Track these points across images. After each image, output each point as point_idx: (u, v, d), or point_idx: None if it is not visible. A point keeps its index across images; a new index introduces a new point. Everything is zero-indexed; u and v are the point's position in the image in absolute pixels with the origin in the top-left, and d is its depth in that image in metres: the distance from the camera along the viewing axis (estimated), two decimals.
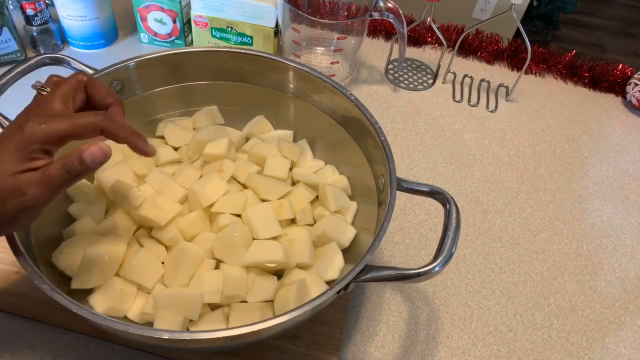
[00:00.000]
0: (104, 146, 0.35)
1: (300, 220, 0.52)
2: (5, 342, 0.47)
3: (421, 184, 0.45)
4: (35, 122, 0.34)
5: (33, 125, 0.33)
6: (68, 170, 0.34)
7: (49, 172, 0.34)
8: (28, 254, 0.38)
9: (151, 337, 0.34)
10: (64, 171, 0.34)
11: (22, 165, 0.33)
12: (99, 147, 0.34)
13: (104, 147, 0.35)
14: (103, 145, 0.35)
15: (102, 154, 0.35)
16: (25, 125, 0.33)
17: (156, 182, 0.51)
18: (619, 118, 0.84)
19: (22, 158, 0.33)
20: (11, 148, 0.33)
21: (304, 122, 0.59)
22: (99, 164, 0.35)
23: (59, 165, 0.34)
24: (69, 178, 0.34)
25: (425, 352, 0.52)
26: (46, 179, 0.34)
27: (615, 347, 0.54)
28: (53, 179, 0.34)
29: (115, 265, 0.45)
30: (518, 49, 0.90)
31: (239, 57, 0.56)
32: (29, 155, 0.33)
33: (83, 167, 0.34)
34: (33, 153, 0.34)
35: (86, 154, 0.34)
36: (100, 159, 0.35)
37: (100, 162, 0.35)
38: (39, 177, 0.34)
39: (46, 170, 0.34)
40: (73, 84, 0.39)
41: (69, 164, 0.34)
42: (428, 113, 0.79)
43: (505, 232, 0.64)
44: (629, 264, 0.63)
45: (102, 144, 0.35)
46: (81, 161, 0.34)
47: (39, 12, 0.73)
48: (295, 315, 0.35)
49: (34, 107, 0.37)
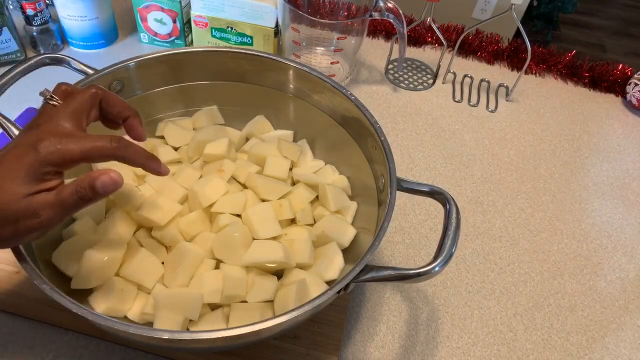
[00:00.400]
0: (115, 175, 0.35)
1: (300, 220, 0.52)
2: (5, 342, 0.47)
3: (421, 184, 0.45)
4: (51, 143, 0.33)
5: (48, 147, 0.33)
6: (80, 196, 0.34)
7: (63, 196, 0.34)
8: (28, 254, 0.38)
9: (151, 337, 0.34)
10: (77, 197, 0.34)
11: (35, 186, 0.33)
12: (109, 176, 0.35)
13: (115, 177, 0.35)
14: (114, 174, 0.35)
15: (113, 183, 0.35)
16: (39, 146, 0.33)
17: (156, 182, 0.51)
18: (619, 118, 0.84)
19: (34, 179, 0.33)
20: (24, 168, 0.33)
21: (304, 122, 0.59)
22: (110, 192, 0.36)
23: (72, 190, 0.34)
24: (81, 203, 0.35)
25: (425, 352, 0.52)
26: (59, 202, 0.34)
27: (615, 347, 0.54)
28: (66, 203, 0.34)
29: (115, 265, 0.45)
30: (518, 49, 0.90)
31: (239, 57, 0.56)
32: (41, 177, 0.34)
33: (94, 195, 0.35)
34: (45, 175, 0.34)
35: (98, 182, 0.34)
36: (111, 189, 0.35)
37: (111, 191, 0.35)
38: (53, 201, 0.34)
39: (60, 194, 0.34)
40: (87, 98, 0.38)
41: (81, 190, 0.34)
42: (428, 113, 0.79)
43: (505, 232, 0.64)
44: (629, 264, 0.63)
45: (113, 173, 0.35)
46: (93, 188, 0.34)
47: (39, 12, 0.73)
48: (295, 315, 0.35)
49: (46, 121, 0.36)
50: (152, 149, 0.55)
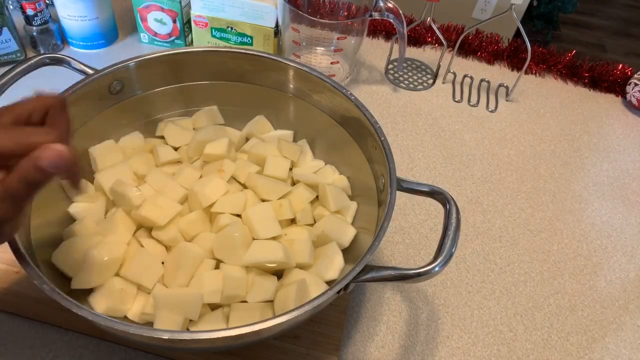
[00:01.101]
0: (59, 147, 0.31)
1: (300, 220, 0.52)
2: (5, 342, 0.47)
3: (421, 184, 0.45)
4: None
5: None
6: (28, 182, 0.31)
7: (8, 186, 0.31)
8: (28, 254, 0.38)
9: (151, 337, 0.34)
10: (24, 183, 0.31)
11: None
12: (52, 150, 0.31)
13: (58, 148, 0.31)
14: (57, 146, 0.31)
15: (59, 156, 0.31)
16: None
17: (156, 182, 0.51)
18: (619, 118, 0.84)
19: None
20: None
21: (304, 122, 0.59)
22: (61, 169, 0.31)
23: (17, 179, 0.31)
24: (30, 189, 0.31)
25: (425, 352, 0.52)
26: (7, 194, 0.31)
27: (615, 347, 0.54)
28: (14, 193, 0.31)
29: (115, 265, 0.45)
30: (518, 49, 0.90)
31: (239, 57, 0.56)
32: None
33: (43, 175, 0.31)
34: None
35: (43, 161, 0.30)
36: (60, 163, 0.31)
37: (61, 167, 0.31)
38: (0, 194, 0.31)
39: (5, 186, 0.31)
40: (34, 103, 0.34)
41: (27, 175, 0.31)
42: (428, 113, 0.79)
43: (505, 232, 0.64)
44: (629, 264, 0.63)
45: (55, 145, 0.31)
46: (39, 169, 0.30)
47: (39, 12, 0.73)
48: (295, 315, 0.35)
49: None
50: (152, 149, 0.55)
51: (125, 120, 0.55)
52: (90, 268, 0.43)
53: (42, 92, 0.35)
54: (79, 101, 0.49)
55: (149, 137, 0.58)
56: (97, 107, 0.52)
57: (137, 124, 0.57)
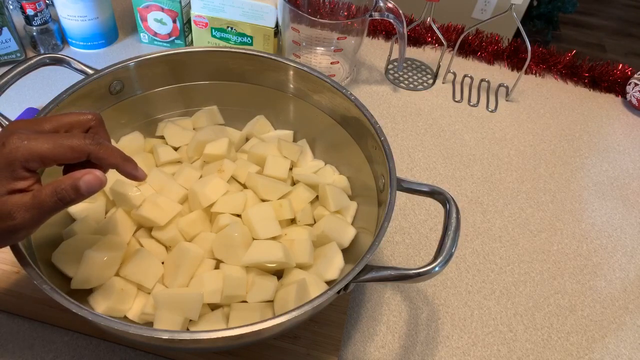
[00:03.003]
0: (100, 174, 0.33)
1: (300, 220, 0.52)
2: (5, 342, 0.47)
3: (421, 184, 0.45)
4: (18, 138, 0.31)
5: (15, 141, 0.31)
6: (61, 198, 0.32)
7: (41, 197, 0.32)
8: (28, 254, 0.37)
9: (151, 337, 0.34)
10: (57, 198, 0.32)
11: (7, 185, 0.31)
12: (94, 175, 0.33)
13: (99, 176, 0.33)
14: (99, 173, 0.33)
15: (99, 182, 0.33)
16: (7, 141, 0.31)
17: (156, 182, 0.51)
18: (619, 118, 0.84)
19: (5, 177, 0.31)
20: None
21: (304, 122, 0.59)
22: (94, 193, 0.33)
23: (51, 191, 0.32)
24: (60, 205, 0.33)
25: (425, 352, 0.52)
26: (37, 204, 0.32)
27: (615, 347, 0.54)
28: (44, 205, 0.32)
29: (115, 265, 0.45)
30: (518, 49, 0.90)
31: (239, 57, 0.56)
32: (11, 175, 0.31)
33: (77, 196, 0.32)
34: (15, 172, 0.31)
35: (82, 182, 0.32)
36: (96, 188, 0.33)
37: (95, 191, 0.33)
38: (29, 203, 0.32)
39: (37, 196, 0.32)
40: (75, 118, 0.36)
41: (62, 191, 0.32)
42: (428, 113, 0.79)
43: (505, 232, 0.64)
44: (629, 264, 0.63)
45: (97, 171, 0.33)
46: (76, 189, 0.32)
47: (39, 12, 0.73)
48: (295, 315, 0.35)
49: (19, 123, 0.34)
50: (152, 149, 0.55)
51: (125, 120, 0.55)
52: (90, 268, 0.43)
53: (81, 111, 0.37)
54: (79, 101, 0.49)
55: (149, 137, 0.58)
56: (97, 107, 0.52)
57: (137, 124, 0.57)
